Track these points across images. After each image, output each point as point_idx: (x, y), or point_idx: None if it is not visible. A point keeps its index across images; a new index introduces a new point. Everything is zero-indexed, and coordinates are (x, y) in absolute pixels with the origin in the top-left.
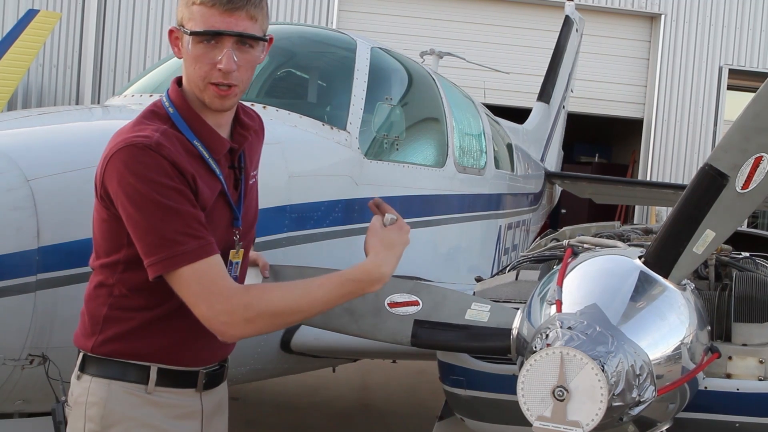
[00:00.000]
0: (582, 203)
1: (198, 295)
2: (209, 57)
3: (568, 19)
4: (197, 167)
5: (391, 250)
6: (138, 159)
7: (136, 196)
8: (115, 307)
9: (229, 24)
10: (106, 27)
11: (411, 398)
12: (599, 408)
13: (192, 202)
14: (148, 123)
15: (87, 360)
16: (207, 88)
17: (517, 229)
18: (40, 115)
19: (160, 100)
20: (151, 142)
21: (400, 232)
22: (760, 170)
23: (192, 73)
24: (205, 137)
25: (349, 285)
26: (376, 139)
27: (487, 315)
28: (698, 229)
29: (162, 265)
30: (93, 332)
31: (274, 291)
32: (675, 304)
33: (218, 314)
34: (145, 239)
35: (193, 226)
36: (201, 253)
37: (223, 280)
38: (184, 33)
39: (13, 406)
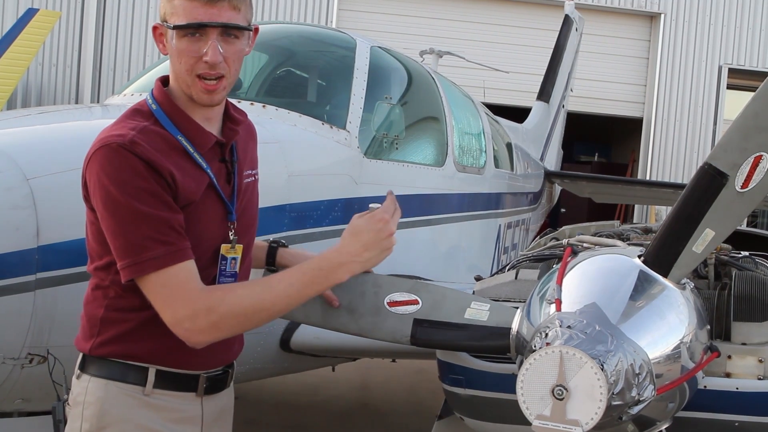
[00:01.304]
0: (581, 202)
1: (163, 301)
2: (194, 50)
3: (567, 19)
4: (179, 161)
5: (355, 237)
6: (111, 160)
7: (108, 199)
8: (111, 309)
9: (212, 15)
10: (106, 26)
11: (410, 397)
12: (598, 407)
13: (167, 203)
14: (129, 121)
15: (87, 360)
16: (194, 82)
17: (516, 228)
18: (40, 114)
19: (145, 99)
20: (125, 141)
21: (370, 220)
22: (759, 169)
23: (178, 68)
24: (189, 131)
25: (310, 273)
26: (376, 138)
27: (487, 314)
28: (698, 229)
29: (129, 270)
30: (91, 334)
31: (237, 290)
32: (674, 303)
33: (181, 320)
34: (115, 243)
35: (163, 231)
36: (168, 260)
37: (189, 285)
38: (168, 28)
39: (13, 405)
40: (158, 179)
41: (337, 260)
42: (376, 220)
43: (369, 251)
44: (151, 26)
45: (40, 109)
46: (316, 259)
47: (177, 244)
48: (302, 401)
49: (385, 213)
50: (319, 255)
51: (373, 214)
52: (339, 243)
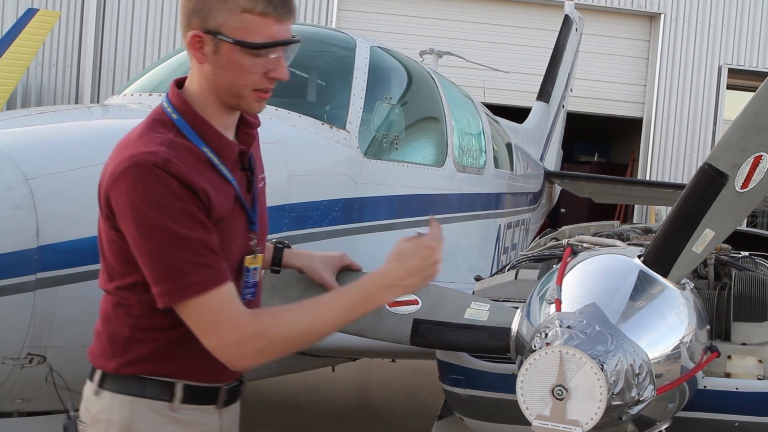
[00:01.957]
0: (581, 202)
1: (207, 326)
2: (260, 66)
3: (567, 19)
4: (208, 176)
5: (401, 261)
6: (145, 181)
7: (143, 222)
8: (137, 328)
9: (284, 32)
10: (106, 26)
11: (410, 397)
12: (598, 407)
13: (204, 223)
14: (154, 133)
15: (107, 377)
16: (250, 94)
17: (516, 229)
18: (40, 114)
19: (161, 105)
20: (159, 159)
21: (417, 246)
22: (759, 169)
23: (232, 81)
24: (213, 142)
25: (356, 296)
26: (376, 138)
27: (487, 314)
28: (697, 229)
29: (169, 297)
30: (114, 354)
31: (284, 315)
32: (674, 303)
33: (228, 345)
34: (151, 268)
35: (203, 253)
36: (210, 283)
37: (232, 308)
38: (235, 43)
39: (13, 405)
40: (194, 199)
41: (383, 283)
42: (424, 247)
43: (413, 277)
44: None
45: (40, 109)
46: (361, 282)
47: (216, 266)
48: (302, 401)
49: (433, 241)
50: (364, 278)
51: (420, 241)
52: (384, 265)
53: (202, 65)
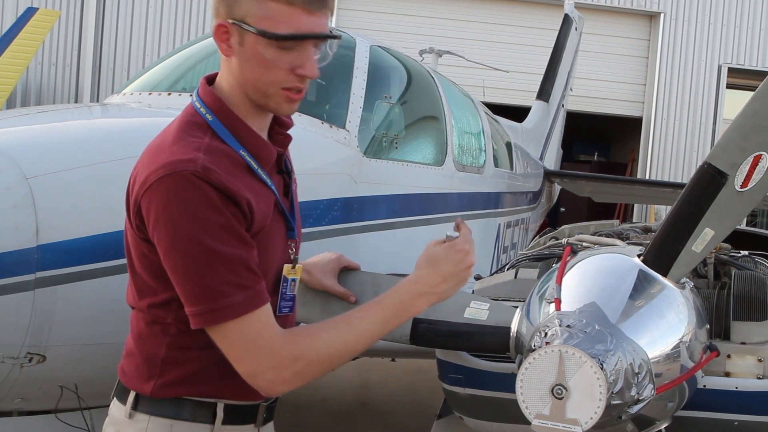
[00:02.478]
0: (581, 202)
1: (242, 351)
2: (287, 61)
3: (567, 18)
4: (248, 182)
5: (434, 267)
6: (181, 191)
7: (178, 237)
8: (174, 347)
9: (314, 24)
10: (105, 25)
11: (410, 397)
12: (598, 406)
13: (243, 238)
14: (189, 137)
15: (142, 398)
16: (277, 93)
17: (516, 228)
18: (39, 114)
19: (192, 105)
20: (197, 167)
21: (449, 249)
22: (759, 168)
23: (258, 76)
24: (251, 146)
25: (390, 307)
26: (376, 137)
27: (486, 313)
28: (697, 228)
29: (203, 318)
30: (151, 375)
31: (322, 335)
32: (674, 302)
33: (264, 370)
34: (185, 286)
35: (240, 273)
36: (247, 306)
37: (269, 332)
38: (259, 33)
39: (12, 404)
40: (234, 210)
41: (416, 291)
42: (457, 251)
43: (447, 282)
44: (216, 23)
45: (40, 109)
46: (394, 291)
47: (254, 287)
48: (302, 401)
49: (466, 243)
50: (396, 287)
51: (453, 244)
52: (415, 272)
53: (229, 59)
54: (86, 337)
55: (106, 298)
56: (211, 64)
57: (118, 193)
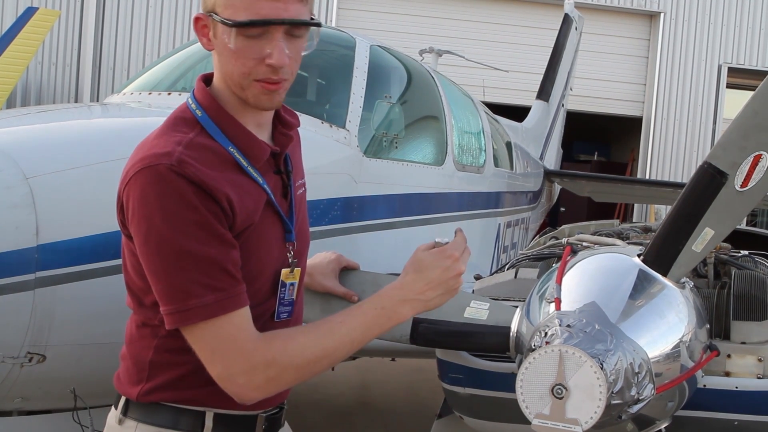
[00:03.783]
0: (581, 201)
1: (212, 354)
2: (255, 50)
3: (567, 18)
4: (234, 178)
5: (420, 273)
6: (154, 185)
7: (151, 233)
8: (162, 350)
9: (278, 10)
10: (105, 25)
11: (410, 396)
12: (598, 406)
13: (220, 236)
14: (174, 132)
15: (132, 404)
16: (251, 85)
17: (516, 228)
18: (39, 113)
19: (186, 103)
20: (172, 161)
21: (437, 256)
22: (759, 168)
23: (231, 69)
24: (241, 142)
25: (372, 314)
26: (376, 137)
27: (486, 313)
28: (697, 228)
29: (173, 318)
30: (139, 379)
31: (298, 339)
32: (674, 302)
33: (235, 375)
34: (156, 284)
35: (213, 274)
36: (218, 309)
37: (242, 336)
38: (221, 22)
39: (12, 404)
40: (211, 206)
41: (400, 297)
42: (445, 257)
43: (433, 290)
44: (193, 17)
45: (40, 108)
46: (377, 297)
47: (229, 290)
48: (302, 400)
49: (455, 250)
50: (380, 292)
51: (441, 250)
52: (401, 277)
53: (213, 54)
54: (86, 337)
55: (106, 298)
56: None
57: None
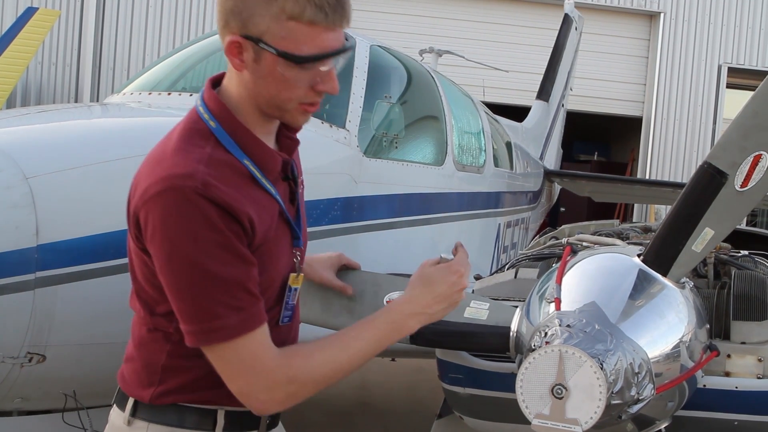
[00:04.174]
0: (581, 201)
1: (234, 372)
2: (307, 78)
3: (567, 18)
4: (251, 192)
5: (427, 287)
6: (179, 208)
7: (174, 254)
8: (175, 355)
9: (336, 40)
10: (105, 25)
11: (410, 396)
12: (598, 406)
13: (243, 256)
14: (190, 147)
15: (141, 405)
16: (295, 108)
17: (516, 228)
18: (39, 113)
19: (196, 110)
20: (197, 183)
21: (445, 271)
22: (759, 168)
23: (273, 93)
24: (256, 154)
25: (383, 328)
26: (376, 137)
27: (486, 313)
28: (697, 228)
29: (196, 337)
30: (150, 382)
31: (316, 355)
32: (674, 302)
33: (257, 391)
34: (180, 304)
35: (237, 294)
36: (242, 328)
37: (265, 354)
38: (280, 55)
39: (12, 404)
40: (234, 227)
41: (409, 311)
42: (452, 272)
43: (439, 304)
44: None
45: (40, 108)
46: (386, 312)
47: (250, 309)
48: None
49: (461, 266)
50: (389, 306)
51: (448, 265)
52: (408, 291)
53: (241, 72)
54: (86, 337)
55: (106, 298)
56: (211, 64)
57: (118, 193)
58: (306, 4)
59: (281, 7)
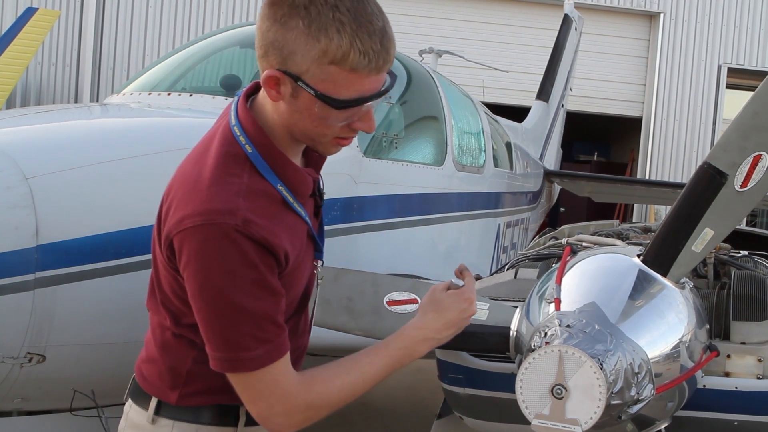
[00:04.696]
0: (581, 202)
1: (256, 397)
2: (342, 118)
3: (567, 18)
4: (285, 219)
5: (438, 313)
6: (219, 245)
7: (207, 288)
8: (200, 362)
9: (378, 83)
10: (105, 25)
11: (410, 396)
12: (597, 406)
13: (274, 290)
14: (228, 176)
15: (164, 404)
16: (329, 141)
17: (515, 228)
18: (39, 114)
19: (231, 130)
20: (237, 221)
21: (457, 298)
22: (758, 168)
23: (309, 127)
24: (289, 179)
25: (397, 354)
26: (375, 137)
27: (486, 313)
28: (697, 228)
29: (221, 364)
30: (175, 385)
31: (335, 381)
32: (674, 302)
33: (276, 415)
34: (208, 333)
35: (265, 327)
36: (267, 359)
37: (285, 380)
38: (319, 99)
39: (12, 404)
40: (269, 260)
41: (421, 336)
42: (463, 299)
43: (449, 330)
44: (267, 74)
45: (40, 109)
46: (399, 337)
47: (275, 341)
48: None
49: (471, 293)
50: (402, 332)
51: (460, 292)
52: (420, 316)
53: (283, 107)
54: (86, 337)
55: (106, 298)
56: (211, 64)
57: (118, 193)
58: (350, 50)
59: (324, 49)
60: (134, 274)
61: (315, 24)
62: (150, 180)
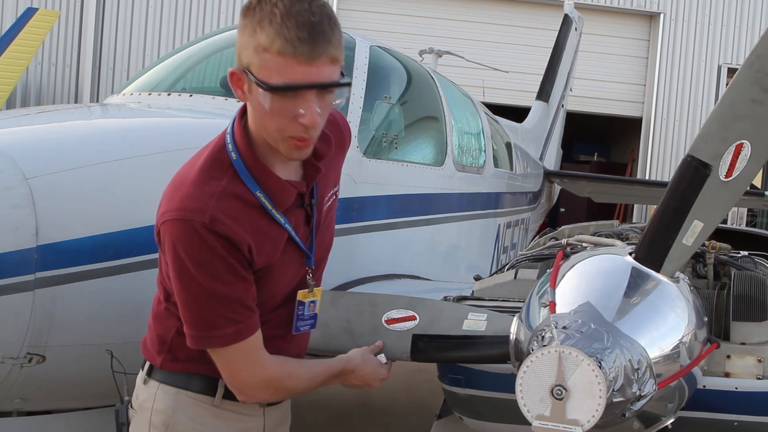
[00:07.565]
0: (581, 202)
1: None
2: (288, 110)
3: (567, 18)
4: (257, 223)
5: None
6: (188, 238)
7: (183, 273)
8: (181, 333)
9: (311, 74)
10: (105, 25)
11: (410, 397)
12: (599, 404)
13: (243, 276)
14: (209, 178)
15: (154, 368)
16: (284, 140)
17: (515, 228)
18: (39, 114)
19: (224, 138)
20: (205, 218)
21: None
22: (741, 157)
23: (264, 124)
24: (269, 188)
25: (334, 376)
26: (375, 137)
27: (484, 324)
28: (686, 221)
29: (196, 341)
30: (160, 351)
31: (300, 372)
32: (669, 297)
33: (245, 387)
34: (185, 312)
35: (235, 309)
36: (236, 337)
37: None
38: (256, 84)
39: (12, 404)
40: (235, 253)
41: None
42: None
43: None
44: (228, 71)
45: (40, 109)
46: (339, 365)
47: (246, 321)
48: (301, 400)
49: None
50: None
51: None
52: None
53: (251, 106)
54: (86, 337)
55: (106, 299)
56: (211, 64)
57: (118, 194)
58: (275, 37)
59: (258, 40)
60: (134, 275)
61: (256, 21)
62: (150, 180)
